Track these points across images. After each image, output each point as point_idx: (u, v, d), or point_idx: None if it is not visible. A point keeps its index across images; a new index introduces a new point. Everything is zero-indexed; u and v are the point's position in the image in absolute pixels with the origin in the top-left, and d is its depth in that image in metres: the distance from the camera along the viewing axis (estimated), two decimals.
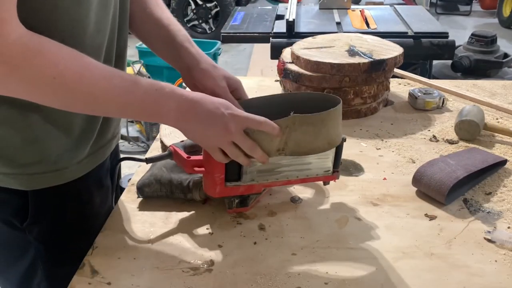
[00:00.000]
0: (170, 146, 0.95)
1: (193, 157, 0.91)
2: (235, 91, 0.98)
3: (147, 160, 0.96)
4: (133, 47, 4.17)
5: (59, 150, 0.86)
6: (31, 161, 0.85)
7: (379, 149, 1.22)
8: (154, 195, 1.00)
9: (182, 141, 0.97)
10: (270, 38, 2.37)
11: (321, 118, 0.87)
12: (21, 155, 0.84)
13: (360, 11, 2.74)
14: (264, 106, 0.94)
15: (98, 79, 0.76)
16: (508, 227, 0.93)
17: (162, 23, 1.01)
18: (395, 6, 2.93)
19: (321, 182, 1.06)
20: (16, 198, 0.87)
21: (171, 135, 1.13)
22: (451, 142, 1.24)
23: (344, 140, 0.94)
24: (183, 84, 1.04)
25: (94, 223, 0.97)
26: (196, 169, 0.90)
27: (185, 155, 0.91)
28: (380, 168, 1.13)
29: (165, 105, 0.81)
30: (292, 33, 2.36)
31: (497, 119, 1.36)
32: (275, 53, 2.23)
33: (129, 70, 3.62)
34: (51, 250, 0.93)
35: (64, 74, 0.72)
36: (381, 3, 4.94)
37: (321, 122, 0.87)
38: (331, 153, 0.96)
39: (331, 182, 1.05)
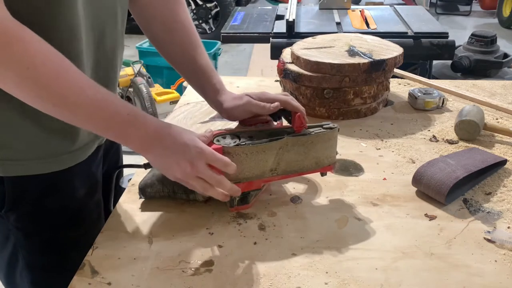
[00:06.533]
0: None
1: None
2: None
3: (146, 166, 0.97)
4: (133, 47, 4.17)
5: (30, 140, 0.87)
6: (1, 146, 0.86)
7: (379, 149, 1.22)
8: (157, 195, 1.00)
9: None
10: (270, 38, 2.37)
11: (311, 140, 0.94)
12: None
13: (360, 11, 2.74)
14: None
15: (72, 84, 0.75)
16: (508, 227, 0.93)
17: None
18: (395, 6, 2.93)
19: (320, 182, 1.06)
20: None
21: None
22: (451, 142, 1.24)
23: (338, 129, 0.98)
24: (183, 84, 1.05)
25: (78, 215, 0.98)
26: None
27: None
28: (380, 168, 1.13)
29: (132, 129, 0.81)
30: (292, 33, 2.36)
31: (497, 119, 1.36)
32: (275, 53, 2.23)
33: (129, 70, 3.62)
34: (30, 238, 0.94)
35: (39, 68, 0.72)
36: (381, 3, 4.95)
37: (311, 143, 0.94)
38: None
39: (331, 182, 1.06)
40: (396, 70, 1.56)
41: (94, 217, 1.02)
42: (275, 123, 1.03)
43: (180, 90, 3.42)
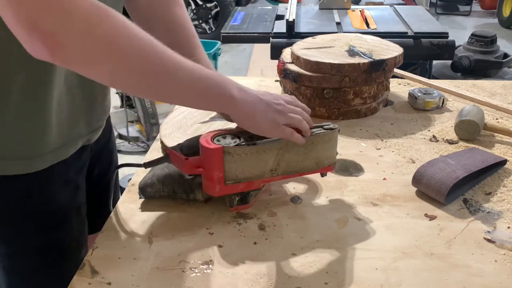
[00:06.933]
0: (167, 150, 0.95)
1: (191, 158, 0.91)
2: None
3: (145, 165, 0.97)
4: None
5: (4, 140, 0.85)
6: None
7: (379, 149, 1.22)
8: (157, 195, 1.00)
9: (179, 144, 0.97)
10: (270, 38, 2.37)
11: (311, 140, 0.93)
12: None
13: (360, 11, 2.74)
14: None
15: (165, 49, 0.77)
16: (508, 227, 0.93)
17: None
18: (395, 6, 2.93)
19: (320, 182, 1.06)
20: None
21: (171, 135, 1.13)
22: (451, 142, 1.24)
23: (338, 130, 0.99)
24: None
25: (54, 221, 0.95)
26: (195, 169, 0.91)
27: (183, 157, 0.91)
28: (380, 168, 1.13)
29: (228, 82, 0.85)
30: (292, 33, 2.36)
31: (497, 119, 1.36)
32: (275, 53, 2.23)
33: None
34: (4, 242, 0.92)
35: (136, 37, 0.73)
36: (381, 3, 4.95)
37: (311, 144, 0.94)
38: None
39: (331, 182, 1.06)
40: (396, 70, 1.56)
41: (76, 222, 1.00)
42: None
43: None
